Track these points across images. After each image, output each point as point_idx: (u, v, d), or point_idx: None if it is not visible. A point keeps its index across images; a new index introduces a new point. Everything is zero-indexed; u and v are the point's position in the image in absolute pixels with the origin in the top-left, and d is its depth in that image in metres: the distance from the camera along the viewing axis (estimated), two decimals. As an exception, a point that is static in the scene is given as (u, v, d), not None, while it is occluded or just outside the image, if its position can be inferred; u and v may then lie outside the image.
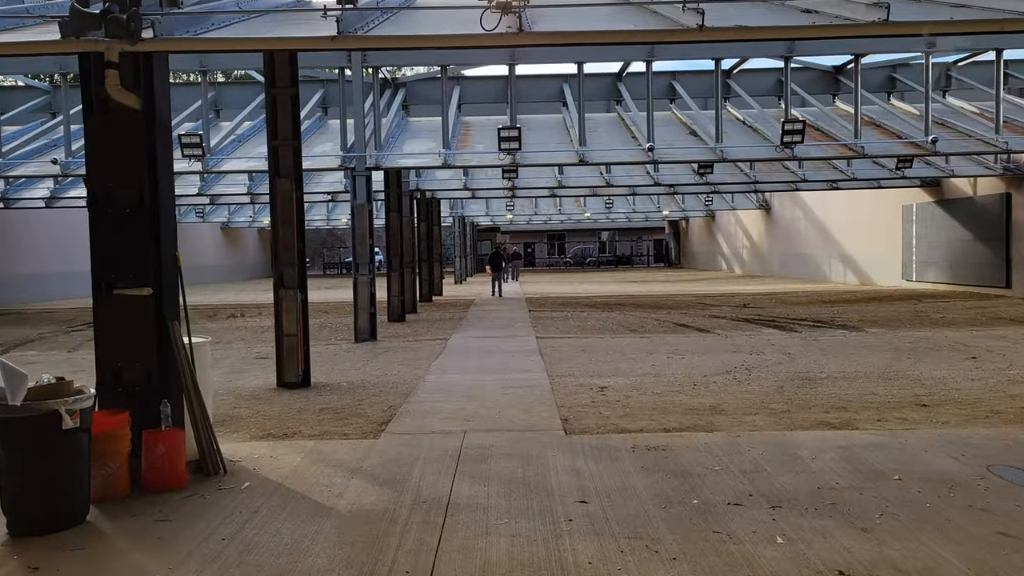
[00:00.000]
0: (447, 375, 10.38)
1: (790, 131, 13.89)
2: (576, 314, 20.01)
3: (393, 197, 18.86)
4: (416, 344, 14.19)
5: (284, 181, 9.78)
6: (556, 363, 11.26)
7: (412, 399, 8.71)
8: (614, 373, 10.31)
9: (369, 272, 14.77)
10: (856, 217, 30.29)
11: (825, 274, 33.48)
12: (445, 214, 40.83)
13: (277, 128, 9.85)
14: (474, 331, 16.20)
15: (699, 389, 9.00)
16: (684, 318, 18.34)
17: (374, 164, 14.77)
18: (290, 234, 9.80)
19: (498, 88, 18.49)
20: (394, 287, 18.85)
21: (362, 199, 14.59)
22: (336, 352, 13.41)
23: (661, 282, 38.16)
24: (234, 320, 21.20)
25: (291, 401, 8.91)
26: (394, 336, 15.68)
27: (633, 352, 12.40)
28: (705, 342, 13.58)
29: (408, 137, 17.12)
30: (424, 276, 25.32)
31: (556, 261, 68.57)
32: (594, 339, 14.34)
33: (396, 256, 18.94)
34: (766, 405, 7.97)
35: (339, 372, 11.08)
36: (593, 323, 17.53)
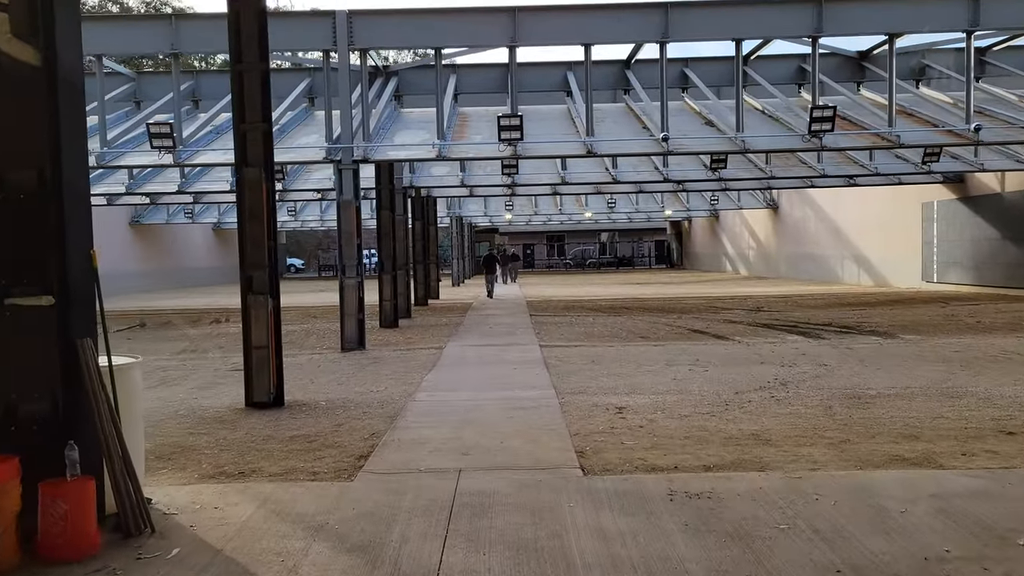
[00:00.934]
0: (441, 392, 9.09)
1: (819, 118, 12.63)
2: (581, 319, 18.73)
3: (385, 194, 17.58)
4: (408, 354, 12.91)
5: (252, 171, 8.51)
6: (564, 377, 9.98)
7: (399, 424, 7.43)
8: (631, 390, 9.03)
9: (357, 275, 13.50)
10: (871, 216, 29.04)
11: (837, 275, 32.23)
12: (442, 214, 39.56)
13: (244, 109, 8.57)
14: (472, 338, 14.92)
15: (733, 410, 7.73)
16: (697, 323, 17.08)
17: (362, 156, 13.49)
18: (259, 231, 8.52)
19: (497, 77, 17.24)
20: (386, 290, 17.57)
21: (349, 195, 13.31)
22: (320, 363, 12.13)
23: (665, 284, 36.89)
24: (217, 326, 19.90)
25: (258, 425, 7.62)
26: (385, 344, 14.39)
27: (649, 363, 11.12)
28: (727, 351, 12.31)
29: (400, 128, 15.86)
30: (419, 279, 24.04)
31: (556, 263, 67.31)
32: (603, 348, 13.06)
33: (388, 258, 17.67)
34: (819, 432, 6.69)
35: (319, 388, 9.80)
36: (600, 329, 16.26)
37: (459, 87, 17.20)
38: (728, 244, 48.59)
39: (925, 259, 25.32)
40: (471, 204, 40.61)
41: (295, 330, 17.66)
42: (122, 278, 37.60)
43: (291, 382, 10.19)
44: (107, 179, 20.96)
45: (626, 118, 16.02)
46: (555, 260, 67.99)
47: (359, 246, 13.52)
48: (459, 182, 20.41)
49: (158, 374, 11.47)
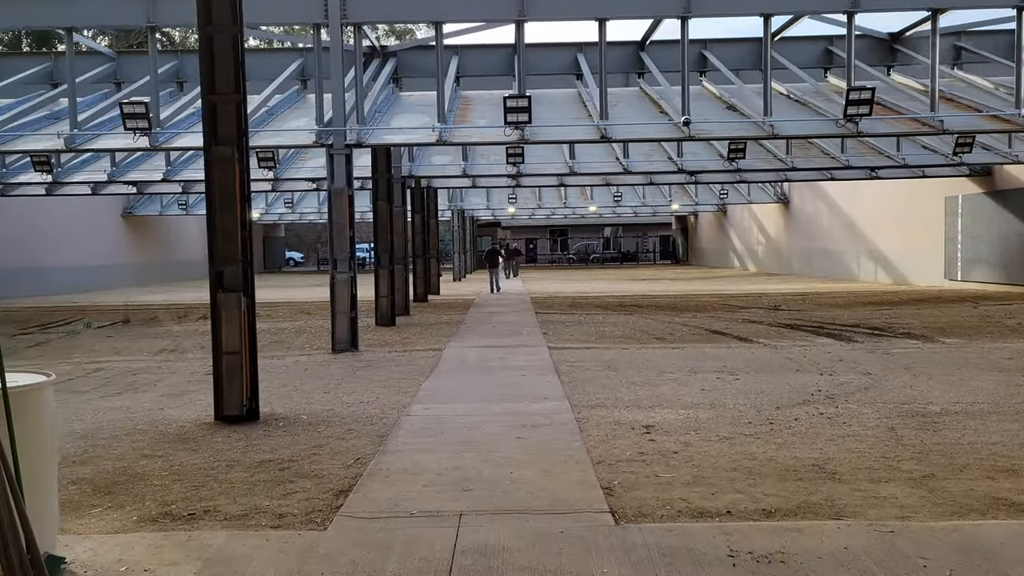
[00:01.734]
0: (438, 404, 7.98)
1: (856, 101, 11.49)
2: (590, 317, 17.62)
3: (382, 183, 16.45)
4: (404, 356, 11.80)
5: (223, 149, 7.39)
6: (578, 386, 8.87)
7: (389, 446, 6.32)
8: (656, 402, 7.93)
9: (349, 269, 12.39)
10: (889, 210, 27.89)
11: (852, 272, 31.09)
12: (443, 207, 38.43)
13: (215, 79, 7.45)
14: (474, 338, 13.82)
15: (780, 431, 6.62)
16: (715, 323, 15.96)
17: (355, 141, 12.37)
18: (231, 220, 7.41)
19: (502, 59, 16.09)
20: (382, 286, 16.46)
21: (341, 182, 12.20)
22: (307, 366, 11.03)
23: (673, 280, 35.77)
24: (204, 323, 18.81)
25: (225, 446, 6.52)
26: (380, 344, 13.29)
27: (671, 369, 10.01)
28: (754, 355, 11.19)
29: (398, 112, 14.73)
30: (419, 274, 22.93)
31: (559, 258, 66.17)
32: (617, 351, 11.95)
33: (385, 251, 16.55)
34: (893, 464, 5.58)
35: (303, 397, 8.70)
36: (611, 329, 15.15)
37: (462, 69, 16.06)
38: (736, 239, 47.42)
39: (948, 256, 24.18)
40: (473, 197, 39.46)
41: (285, 328, 16.57)
42: (114, 271, 36.52)
43: (272, 389, 9.11)
44: (90, 166, 19.86)
45: (641, 103, 14.89)
46: (558, 255, 66.83)
47: (352, 238, 12.41)
48: (461, 171, 19.27)
49: (127, 378, 10.39)
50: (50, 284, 29.92)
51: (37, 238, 29.58)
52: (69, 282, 31.39)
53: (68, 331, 17.32)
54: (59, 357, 12.77)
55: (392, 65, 15.68)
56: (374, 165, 16.39)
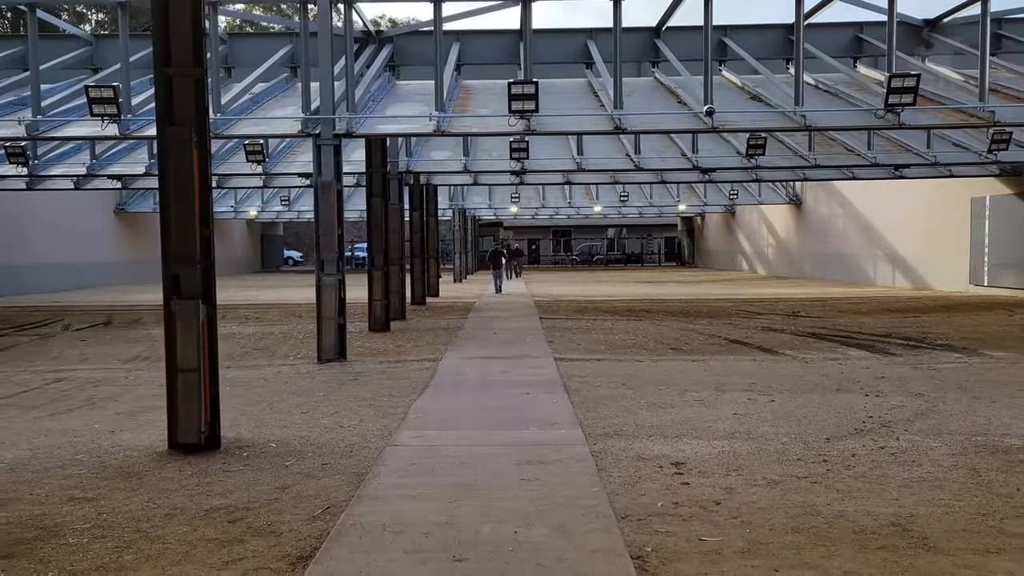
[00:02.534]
0: (431, 431, 6.87)
1: (898, 89, 10.36)
2: (597, 323, 16.52)
3: (376, 178, 15.35)
4: (396, 368, 10.69)
5: (179, 131, 6.29)
6: (591, 407, 7.77)
7: (367, 489, 5.21)
8: (683, 429, 6.82)
9: (337, 271, 11.29)
10: (909, 212, 26.74)
11: (868, 276, 29.94)
12: (444, 206, 37.34)
13: (170, 49, 6.35)
14: (473, 347, 12.71)
15: (839, 471, 5.50)
16: (733, 331, 14.85)
17: (345, 130, 11.27)
18: (188, 214, 6.31)
19: (505, 46, 15.00)
20: (376, 289, 15.36)
21: (328, 176, 11.10)
22: (288, 379, 9.94)
23: (681, 283, 34.65)
24: (188, 325, 17.74)
25: (172, 485, 5.43)
26: (371, 353, 12.18)
27: (694, 387, 8.90)
28: (783, 370, 10.08)
29: (393, 101, 13.64)
30: (416, 275, 21.83)
31: (562, 259, 65.02)
32: (631, 363, 10.85)
33: (379, 251, 15.44)
34: (995, 523, 4.46)
35: (277, 418, 7.60)
36: (622, 337, 14.04)
37: (463, 57, 14.96)
38: (745, 241, 46.27)
39: (974, 260, 23.03)
40: (475, 195, 38.36)
41: (272, 333, 15.49)
42: (105, 269, 35.46)
43: (244, 408, 8.02)
44: (70, 158, 18.79)
45: (657, 93, 13.78)
46: (561, 256, 65.68)
47: (340, 237, 11.31)
48: (462, 167, 18.16)
49: (87, 391, 9.31)
50: (37, 282, 28.86)
51: (23, 234, 28.52)
52: (58, 281, 30.35)
53: (43, 333, 16.26)
54: (22, 364, 11.70)
55: (388, 52, 14.58)
56: (368, 159, 15.28)
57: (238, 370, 10.79)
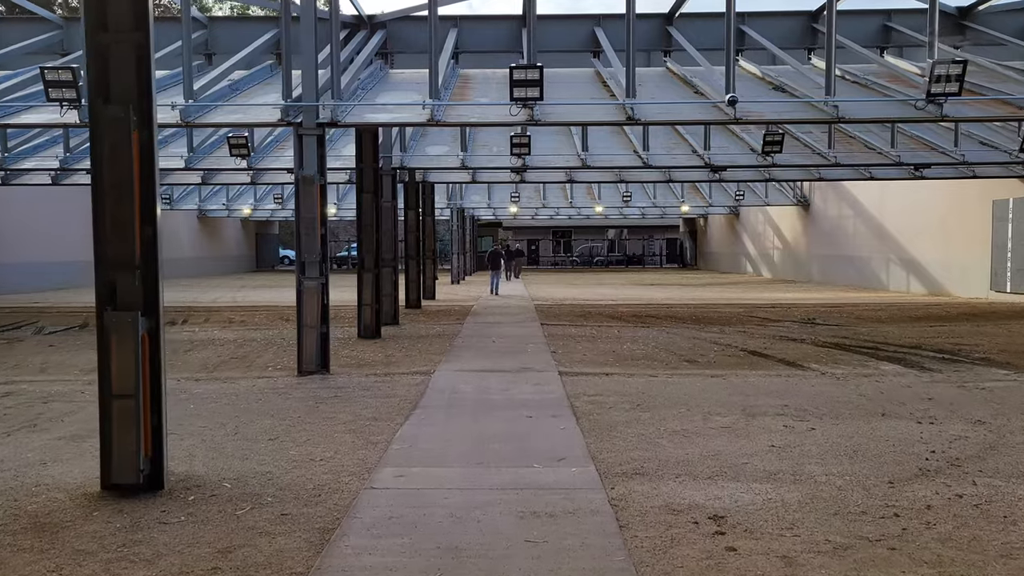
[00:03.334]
0: (416, 469, 5.81)
1: (943, 76, 9.30)
2: (603, 331, 15.46)
3: (367, 174, 14.28)
4: (384, 383, 9.63)
5: (114, 109, 5.23)
6: (604, 436, 6.72)
7: (331, 558, 4.15)
8: (716, 467, 5.77)
9: (320, 274, 10.23)
10: (925, 215, 25.71)
11: (881, 281, 28.90)
12: (441, 205, 36.28)
13: (106, 13, 5.28)
14: (469, 358, 11.66)
15: (918, 532, 4.45)
16: (748, 340, 13.81)
17: (330, 119, 10.21)
18: (127, 211, 5.26)
19: (507, 31, 13.97)
20: (366, 293, 14.29)
21: (311, 169, 10.05)
22: (261, 395, 8.88)
23: (685, 286, 33.60)
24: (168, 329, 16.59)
25: (91, 544, 4.37)
26: (357, 365, 11.12)
27: (719, 409, 7.85)
28: (814, 389, 9.03)
29: (385, 90, 12.59)
30: (411, 277, 20.76)
31: (562, 260, 63.95)
32: (644, 378, 9.80)
33: (370, 252, 14.37)
34: None
35: (239, 446, 6.55)
36: (630, 347, 12.99)
37: (461, 44, 13.92)
38: (750, 244, 45.22)
39: (996, 265, 21.99)
40: (473, 195, 37.30)
41: (255, 339, 14.42)
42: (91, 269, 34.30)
43: (204, 433, 6.97)
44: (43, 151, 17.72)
45: (670, 83, 12.74)
46: (561, 257, 64.61)
47: (324, 237, 10.25)
48: (459, 163, 17.09)
49: (35, 408, 8.27)
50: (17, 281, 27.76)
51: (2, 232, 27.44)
52: (41, 280, 29.25)
53: (12, 337, 15.21)
54: (-29, 375, 10.64)
55: (380, 37, 13.53)
56: (359, 153, 14.21)
57: (209, 383, 9.74)
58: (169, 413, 7.85)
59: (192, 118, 10.21)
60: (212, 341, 14.16)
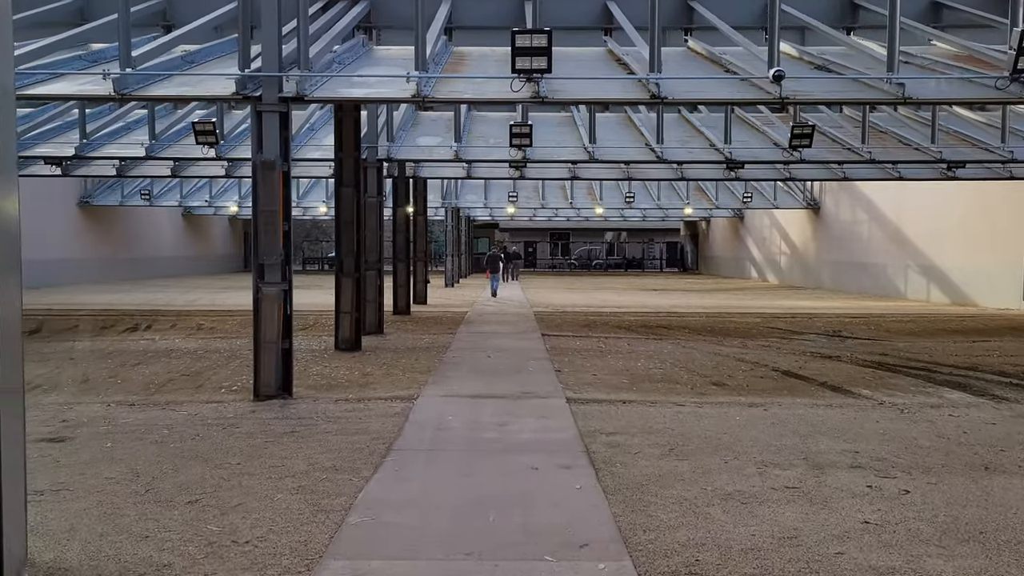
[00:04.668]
0: (377, 565, 4.11)
1: (1034, 48, 7.65)
2: (611, 343, 13.81)
3: (347, 164, 12.59)
4: (355, 413, 7.94)
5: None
6: (638, 508, 5.04)
7: None
8: (804, 567, 4.09)
9: (282, 279, 8.55)
10: (949, 219, 24.12)
11: (898, 289, 27.31)
12: (436, 204, 34.62)
13: None
14: (460, 379, 9.97)
15: None
16: (777, 357, 12.17)
17: (295, 92, 8.52)
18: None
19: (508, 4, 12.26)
20: (345, 299, 12.61)
21: (271, 153, 8.37)
22: (202, 428, 7.19)
23: (689, 292, 31.97)
24: (128, 335, 14.96)
25: None
26: (327, 386, 9.42)
27: (774, 457, 6.19)
28: (879, 427, 7.38)
29: (366, 65, 10.91)
30: (400, 281, 19.07)
31: (560, 263, 62.29)
32: (669, 407, 8.14)
33: (350, 254, 12.69)
34: None
35: (141, 513, 4.85)
36: (646, 364, 11.34)
37: (454, 18, 12.23)
38: (755, 248, 43.63)
39: (1030, 274, 20.43)
40: (469, 193, 35.68)
41: (218, 349, 12.71)
42: (67, 267, 32.53)
43: (106, 492, 5.28)
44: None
45: (694, 63, 11.08)
46: (559, 260, 62.94)
47: (287, 234, 8.58)
48: (453, 155, 15.40)
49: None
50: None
51: None
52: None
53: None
54: None
55: (363, 8, 11.83)
56: (338, 140, 12.52)
57: (144, 409, 8.05)
58: (78, 455, 6.22)
59: (129, 90, 8.51)
60: (169, 352, 12.47)
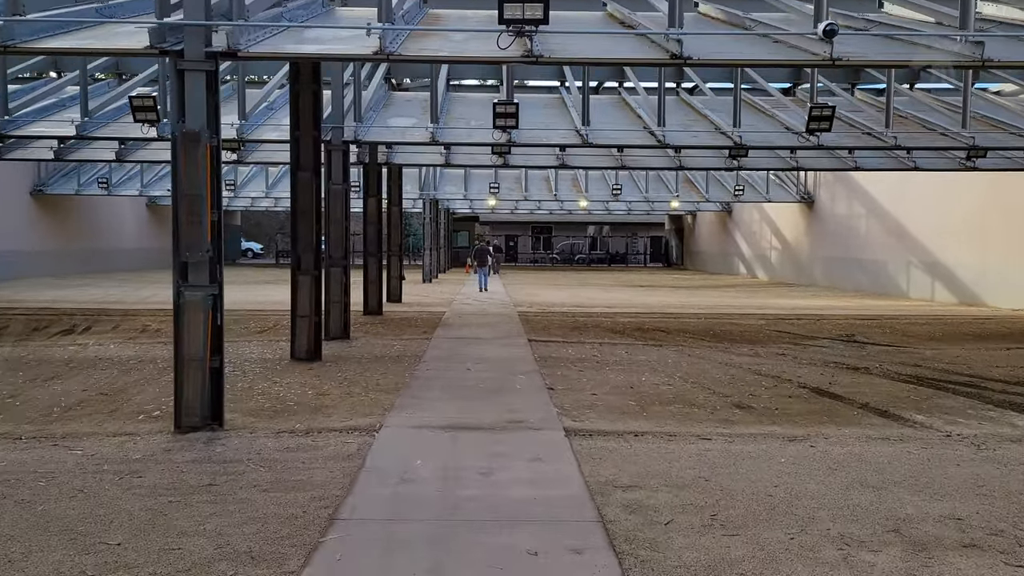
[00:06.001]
0: None
1: None
2: (607, 350, 12.21)
3: (305, 145, 10.82)
4: (298, 454, 6.24)
5: None
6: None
7: None
8: None
9: (211, 281, 6.83)
10: (956, 213, 22.81)
11: (899, 287, 26.00)
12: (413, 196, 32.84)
13: None
14: (434, 401, 8.31)
15: None
16: (798, 369, 10.65)
17: (225, 47, 6.77)
18: None
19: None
20: (303, 301, 10.89)
21: (196, 122, 6.64)
22: (88, 481, 5.48)
23: (678, 288, 30.50)
24: (60, 339, 13.11)
25: None
26: (271, 412, 7.71)
27: (855, 529, 4.61)
28: (963, 471, 5.84)
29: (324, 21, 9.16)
30: (372, 277, 17.33)
31: (541, 257, 60.66)
32: (695, 443, 6.54)
33: (308, 248, 10.95)
34: None
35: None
36: (651, 378, 9.75)
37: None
38: (743, 243, 42.28)
39: (1049, 273, 19.14)
40: (448, 184, 33.89)
41: (155, 358, 10.94)
42: (20, 259, 30.35)
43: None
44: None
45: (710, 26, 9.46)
46: (541, 254, 61.29)
47: (217, 224, 6.85)
48: (429, 137, 13.66)
49: None
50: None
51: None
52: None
53: None
54: None
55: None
56: (293, 115, 10.75)
57: (30, 447, 6.33)
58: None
59: (16, 41, 6.72)
60: (96, 362, 10.68)
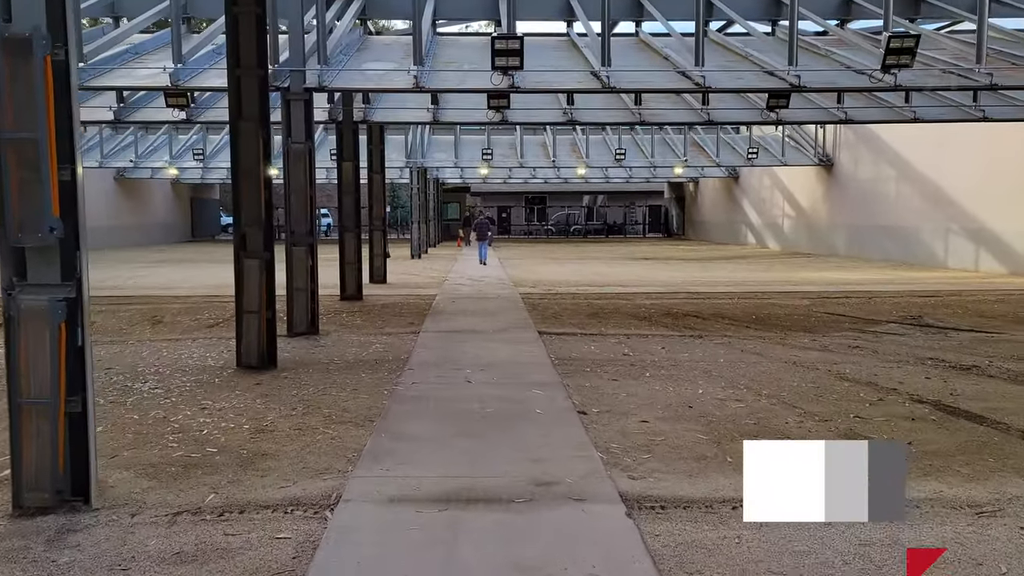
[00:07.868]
0: None
1: None
2: (639, 345, 9.78)
3: (249, 89, 8.18)
4: (195, 564, 3.77)
5: None
6: None
7: None
8: None
9: (63, 278, 4.30)
10: (1004, 173, 20.39)
11: (935, 256, 23.65)
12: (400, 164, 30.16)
13: None
14: (422, 444, 5.85)
15: None
16: (890, 370, 8.29)
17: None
18: None
19: None
20: (250, 293, 8.38)
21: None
22: None
23: (689, 261, 28.07)
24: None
25: None
26: (179, 468, 5.23)
27: None
28: None
29: None
30: (349, 257, 14.78)
31: (536, 229, 58.08)
32: (837, 526, 4.11)
33: (256, 223, 8.39)
34: None
35: None
36: (710, 388, 7.34)
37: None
38: (752, 211, 39.80)
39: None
40: (438, 152, 31.24)
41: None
42: None
43: None
44: None
45: None
46: (535, 225, 58.68)
47: (70, 187, 4.30)
48: (412, 82, 10.82)
49: None
50: None
51: None
52: None
53: None
54: None
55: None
56: (232, 47, 8.10)
57: None
58: None
59: None
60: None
